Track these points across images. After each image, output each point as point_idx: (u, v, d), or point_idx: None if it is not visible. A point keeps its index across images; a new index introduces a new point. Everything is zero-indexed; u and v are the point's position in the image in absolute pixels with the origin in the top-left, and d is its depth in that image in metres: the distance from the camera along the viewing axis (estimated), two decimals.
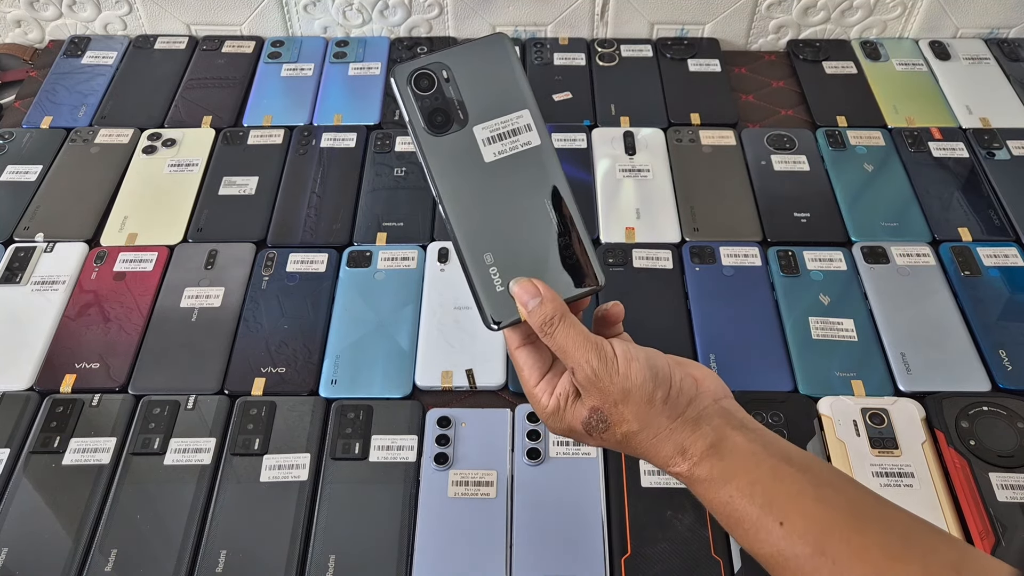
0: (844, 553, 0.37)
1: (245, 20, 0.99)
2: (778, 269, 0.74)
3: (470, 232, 0.43)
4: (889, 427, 0.63)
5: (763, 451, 0.41)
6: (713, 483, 0.41)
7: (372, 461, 0.62)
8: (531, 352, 0.45)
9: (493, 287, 0.42)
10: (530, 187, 0.43)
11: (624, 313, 0.46)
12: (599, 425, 0.43)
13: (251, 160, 0.85)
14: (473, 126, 0.43)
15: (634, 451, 0.43)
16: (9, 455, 0.62)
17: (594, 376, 0.41)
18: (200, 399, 0.66)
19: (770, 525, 0.39)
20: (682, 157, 0.85)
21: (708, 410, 0.42)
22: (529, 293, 0.42)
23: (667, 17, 0.97)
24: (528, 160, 0.43)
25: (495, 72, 0.43)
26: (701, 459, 0.41)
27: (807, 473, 0.40)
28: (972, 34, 0.98)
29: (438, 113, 0.42)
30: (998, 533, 0.57)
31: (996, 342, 0.68)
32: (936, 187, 0.82)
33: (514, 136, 0.43)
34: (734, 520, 0.40)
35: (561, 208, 0.43)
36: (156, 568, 0.57)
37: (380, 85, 0.93)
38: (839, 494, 0.39)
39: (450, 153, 0.42)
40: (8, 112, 0.93)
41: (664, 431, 0.42)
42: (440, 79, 0.42)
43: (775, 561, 0.39)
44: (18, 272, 0.75)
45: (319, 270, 0.75)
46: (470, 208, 0.43)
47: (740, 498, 0.40)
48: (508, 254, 0.43)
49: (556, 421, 0.44)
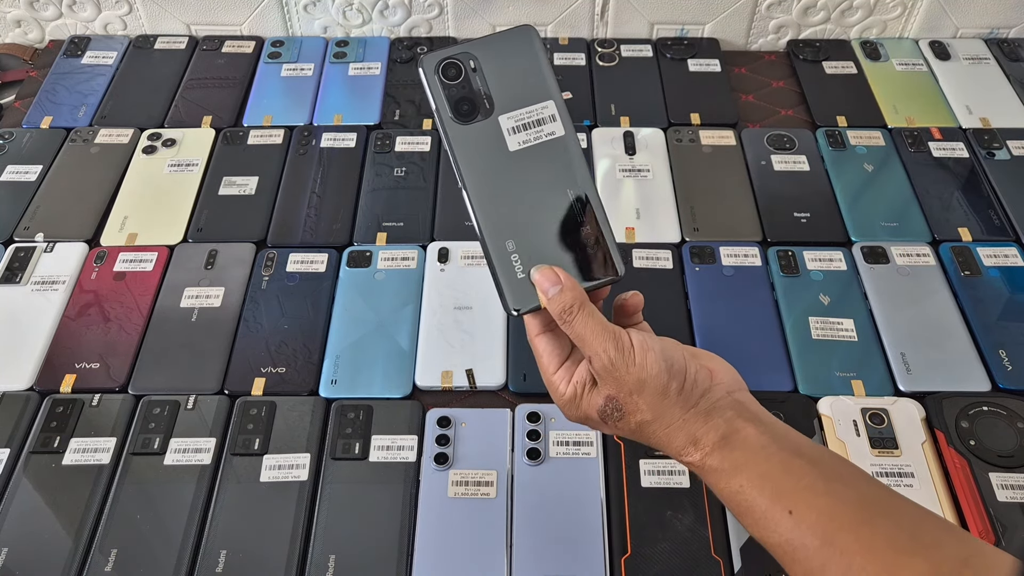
0: (852, 545, 0.37)
1: (245, 20, 0.99)
2: (778, 269, 0.74)
3: (493, 219, 0.43)
4: (889, 427, 0.63)
5: (774, 444, 0.41)
6: (724, 473, 0.41)
7: (372, 461, 0.62)
8: (551, 340, 0.45)
9: (514, 274, 0.43)
10: (553, 177, 0.44)
11: (643, 303, 0.46)
12: (614, 413, 0.43)
13: (251, 160, 0.85)
14: (499, 115, 0.43)
15: (647, 440, 0.44)
16: (9, 455, 0.62)
17: (611, 365, 0.42)
18: (200, 399, 0.66)
19: (779, 516, 0.39)
20: (682, 157, 0.85)
21: (721, 402, 0.43)
22: (550, 280, 0.42)
23: (667, 17, 0.97)
24: (552, 150, 0.43)
25: (521, 63, 0.44)
26: (712, 450, 0.42)
27: (818, 466, 0.40)
28: (972, 34, 0.98)
29: (464, 102, 0.43)
30: (998, 533, 0.57)
31: (996, 342, 0.69)
32: (936, 187, 0.82)
33: (539, 126, 0.43)
34: (744, 509, 0.41)
35: (583, 198, 0.44)
36: (156, 568, 0.57)
37: (380, 85, 0.93)
38: (849, 488, 0.40)
39: (475, 141, 0.43)
40: (8, 112, 0.93)
41: (677, 422, 0.42)
42: (467, 69, 0.43)
43: (784, 551, 0.39)
44: (18, 272, 0.75)
45: (319, 270, 0.75)
46: (494, 196, 0.43)
47: (750, 489, 0.40)
48: (530, 242, 0.43)
49: (572, 408, 0.45)
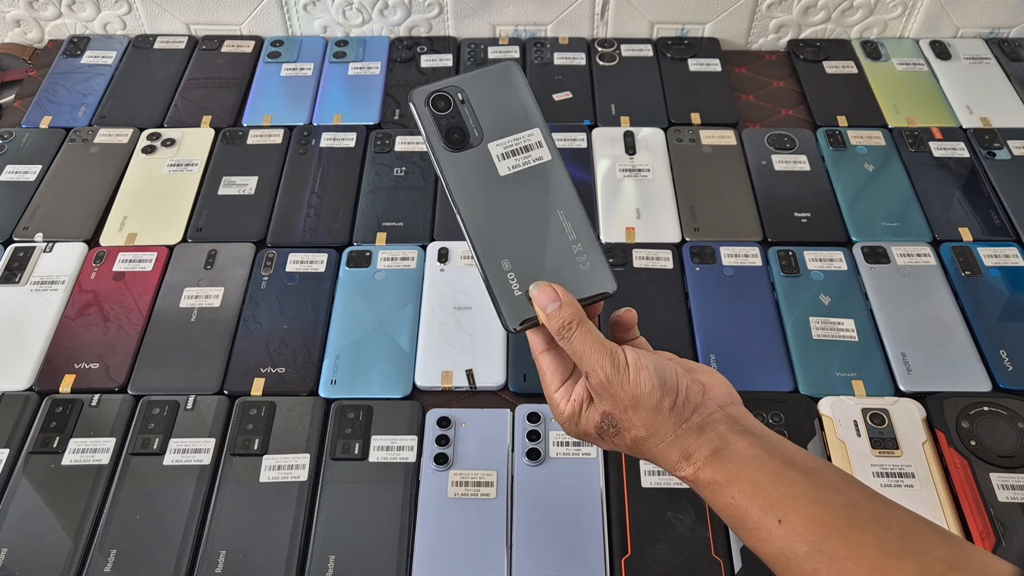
0: (841, 550, 0.38)
1: (245, 20, 0.98)
2: (778, 269, 0.74)
3: (488, 240, 0.45)
4: (890, 427, 0.63)
5: (766, 455, 0.42)
6: (717, 486, 0.42)
7: (372, 461, 0.62)
8: (554, 357, 0.46)
9: (511, 292, 0.45)
10: (543, 198, 0.46)
11: (637, 318, 0.48)
12: (610, 429, 0.44)
13: (251, 160, 0.85)
14: (488, 143, 0.46)
15: (643, 455, 0.45)
16: (9, 455, 0.62)
17: (607, 382, 0.43)
18: (200, 399, 0.66)
19: (770, 525, 0.40)
20: (682, 157, 0.85)
21: (713, 416, 0.44)
22: (548, 297, 0.44)
23: (667, 17, 0.97)
24: (540, 173, 0.46)
25: (506, 95, 0.47)
26: (705, 464, 0.42)
27: (809, 476, 0.41)
28: (972, 34, 0.98)
29: (455, 131, 0.46)
30: (999, 533, 0.57)
31: (997, 342, 0.68)
32: (936, 187, 0.82)
33: (526, 152, 0.46)
34: (738, 521, 0.42)
35: (573, 217, 0.46)
36: (156, 568, 0.57)
37: (380, 85, 0.93)
38: (840, 495, 0.40)
39: (467, 168, 0.45)
40: (8, 112, 0.93)
41: (670, 437, 0.43)
42: (456, 100, 0.46)
43: (777, 560, 0.40)
44: (17, 272, 0.75)
45: (319, 270, 0.75)
46: (487, 218, 0.45)
47: (742, 500, 0.41)
48: (524, 260, 0.45)
49: (572, 425, 0.46)
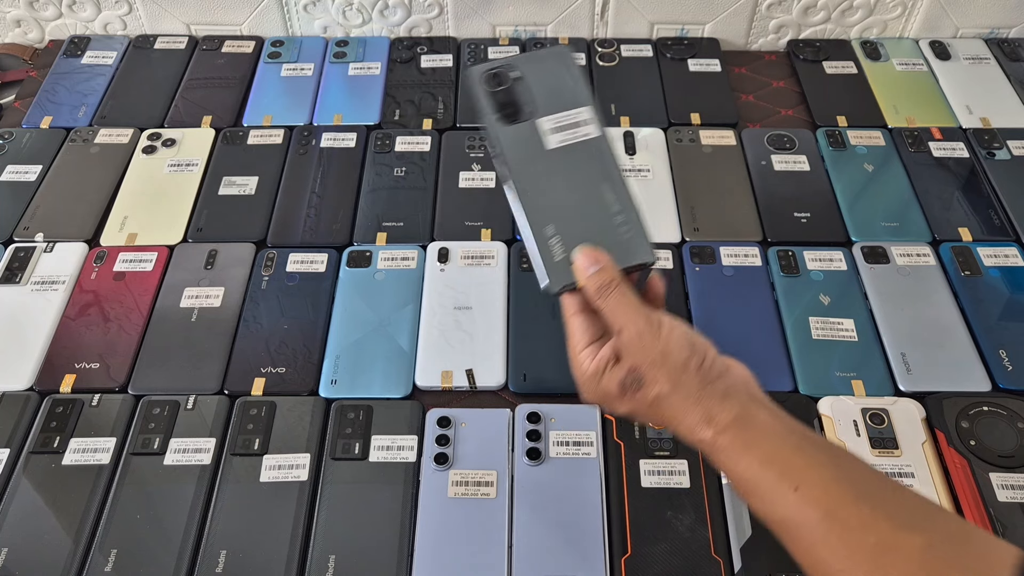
0: (853, 519, 0.39)
1: (245, 20, 0.99)
2: (778, 269, 0.74)
3: (535, 207, 0.48)
4: (889, 427, 0.63)
5: (785, 429, 0.43)
6: (734, 451, 0.43)
7: (372, 461, 0.62)
8: (584, 319, 0.49)
9: (553, 256, 0.48)
10: (589, 170, 0.49)
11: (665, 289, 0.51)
12: (633, 384, 0.46)
13: (251, 160, 0.85)
14: (538, 118, 0.50)
15: (661, 415, 0.46)
16: (9, 455, 0.62)
17: (638, 336, 0.45)
18: (200, 399, 0.66)
19: (785, 490, 0.41)
20: (682, 157, 0.85)
21: (737, 387, 0.45)
22: (590, 259, 0.47)
23: (667, 17, 0.97)
24: (587, 148, 0.49)
25: (559, 75, 0.51)
26: (725, 428, 0.43)
27: (826, 452, 0.42)
28: (972, 34, 0.98)
29: (508, 106, 0.50)
30: (998, 533, 0.57)
31: (996, 342, 0.68)
32: (936, 187, 0.82)
33: (575, 128, 0.50)
34: (750, 487, 0.43)
35: (617, 190, 0.49)
36: (156, 568, 0.57)
37: (380, 85, 0.93)
38: (855, 471, 0.41)
39: (519, 140, 0.49)
40: (8, 112, 0.93)
41: (694, 395, 0.44)
42: (511, 78, 0.50)
43: (785, 527, 0.41)
44: (18, 272, 0.75)
45: (319, 270, 0.75)
46: (536, 187, 0.49)
47: (758, 467, 0.42)
48: (568, 227, 0.48)
49: (593, 383, 0.48)
